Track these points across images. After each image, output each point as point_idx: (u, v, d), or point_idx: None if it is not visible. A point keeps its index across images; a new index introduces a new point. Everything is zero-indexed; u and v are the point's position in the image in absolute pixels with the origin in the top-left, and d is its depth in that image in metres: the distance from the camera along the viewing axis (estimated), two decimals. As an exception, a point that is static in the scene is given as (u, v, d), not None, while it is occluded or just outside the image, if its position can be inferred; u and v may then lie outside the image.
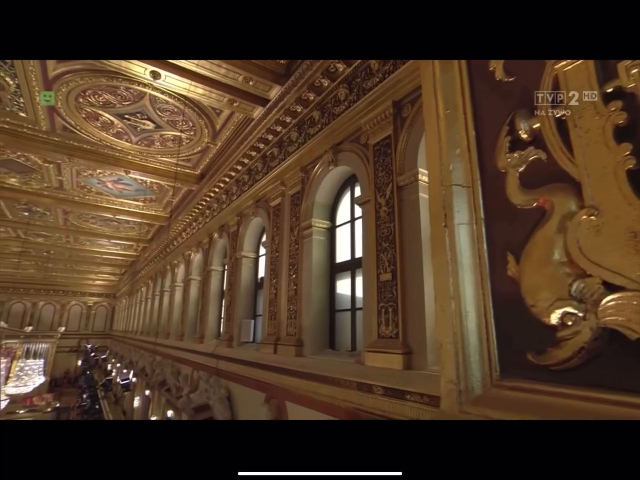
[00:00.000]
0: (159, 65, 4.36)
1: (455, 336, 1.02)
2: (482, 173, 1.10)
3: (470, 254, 1.07)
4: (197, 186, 8.16)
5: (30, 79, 4.86)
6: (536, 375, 0.87)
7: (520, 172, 1.00)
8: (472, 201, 1.10)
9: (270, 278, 5.29)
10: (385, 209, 3.47)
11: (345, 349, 4.21)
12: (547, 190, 0.92)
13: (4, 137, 6.19)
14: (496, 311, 1.00)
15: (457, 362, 1.01)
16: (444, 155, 1.17)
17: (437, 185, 1.17)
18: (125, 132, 6.45)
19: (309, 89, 4.42)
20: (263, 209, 6.00)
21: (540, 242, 0.90)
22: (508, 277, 0.98)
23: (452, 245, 1.08)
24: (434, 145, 1.21)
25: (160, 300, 12.32)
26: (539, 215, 0.93)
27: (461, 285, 1.05)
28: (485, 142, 1.11)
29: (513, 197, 1.00)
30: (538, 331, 0.87)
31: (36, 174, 8.08)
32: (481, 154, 1.12)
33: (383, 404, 2.93)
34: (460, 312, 1.04)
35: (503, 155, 1.04)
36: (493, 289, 1.02)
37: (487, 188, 1.09)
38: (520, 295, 0.93)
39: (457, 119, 1.18)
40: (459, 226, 1.10)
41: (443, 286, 1.09)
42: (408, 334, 3.03)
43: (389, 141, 3.58)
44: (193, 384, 7.35)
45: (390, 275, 3.27)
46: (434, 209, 1.18)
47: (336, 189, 4.85)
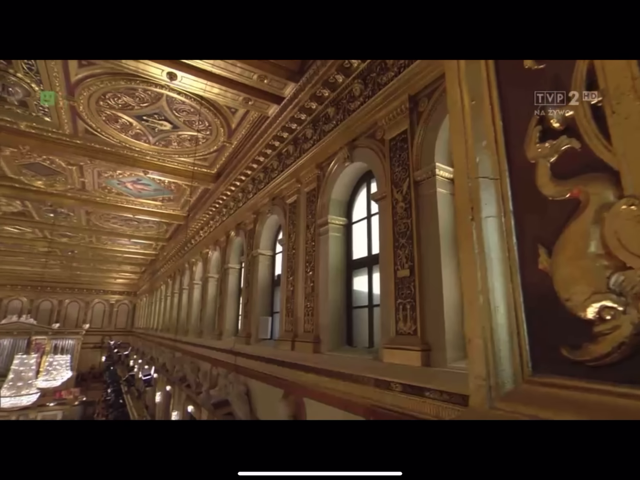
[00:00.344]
0: (175, 67, 4.42)
1: (484, 331, 1.00)
2: (511, 164, 1.07)
3: (499, 247, 1.05)
4: (214, 185, 8.26)
5: (54, 85, 5.01)
6: (571, 371, 0.84)
7: (551, 162, 0.97)
8: (501, 193, 1.07)
9: (287, 275, 5.32)
10: (402, 204, 3.43)
11: (362, 345, 4.20)
12: (581, 181, 0.88)
13: (30, 141, 6.41)
14: (527, 305, 0.97)
15: (486, 357, 0.98)
16: (470, 147, 1.14)
17: (464, 178, 1.14)
18: (143, 133, 6.58)
19: (323, 85, 4.40)
20: (279, 206, 6.03)
21: (574, 234, 0.86)
22: (539, 270, 0.95)
23: (480, 239, 1.06)
24: (459, 138, 1.18)
25: (179, 297, 12.57)
26: (572, 207, 0.89)
27: (490, 279, 1.02)
28: (514, 133, 1.07)
29: (544, 189, 0.97)
30: (573, 326, 0.84)
31: (60, 176, 8.35)
32: (509, 145, 1.08)
33: (401, 400, 2.91)
34: (489, 307, 1.01)
35: (533, 146, 1.00)
36: (523, 283, 0.99)
37: (515, 180, 1.05)
38: (552, 289, 0.90)
39: (483, 110, 1.15)
40: (487, 219, 1.07)
41: (471, 280, 1.06)
42: (426, 330, 2.99)
43: (405, 136, 3.54)
44: (212, 380, 7.48)
45: (408, 272, 3.24)
46: (460, 203, 1.15)
47: (352, 186, 4.83)
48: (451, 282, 3.01)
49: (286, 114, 5.11)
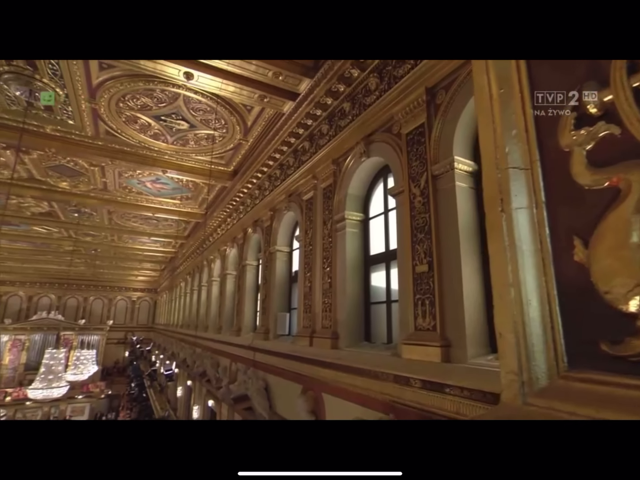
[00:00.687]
0: (192, 66, 4.48)
1: (516, 325, 0.97)
2: (542, 154, 1.03)
3: (530, 239, 1.01)
4: (231, 183, 8.35)
5: (77, 88, 5.16)
6: (612, 366, 0.80)
7: (587, 150, 0.92)
8: (532, 184, 1.04)
9: (305, 272, 5.34)
10: (420, 199, 3.39)
11: (381, 341, 4.18)
12: (622, 168, 0.84)
13: (56, 144, 6.64)
14: (561, 299, 0.94)
15: (518, 352, 0.95)
16: (499, 137, 1.10)
17: (492, 169, 1.10)
18: (161, 133, 6.69)
19: (338, 80, 4.37)
20: (296, 203, 6.04)
21: (614, 224, 0.82)
22: (575, 262, 0.91)
23: (510, 231, 1.02)
24: (488, 128, 1.14)
25: (198, 294, 12.79)
26: (611, 196, 0.85)
27: (521, 272, 0.99)
28: (546, 121, 1.03)
29: (579, 178, 0.93)
30: (613, 319, 0.80)
31: (83, 177, 8.60)
32: (540, 133, 1.04)
33: (421, 397, 2.89)
34: (520, 300, 0.98)
35: (567, 133, 0.96)
36: (557, 276, 0.95)
37: (548, 169, 1.01)
38: (590, 282, 0.86)
39: (512, 98, 1.11)
40: (517, 211, 1.04)
41: (501, 273, 1.03)
42: (446, 326, 2.95)
43: (423, 129, 3.48)
44: (232, 375, 7.60)
45: (426, 267, 3.20)
46: (489, 194, 1.12)
47: (369, 181, 4.79)
48: (471, 278, 2.96)
49: (302, 110, 5.10)
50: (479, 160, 3.27)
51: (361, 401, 3.57)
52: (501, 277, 1.03)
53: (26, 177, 8.50)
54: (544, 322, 0.95)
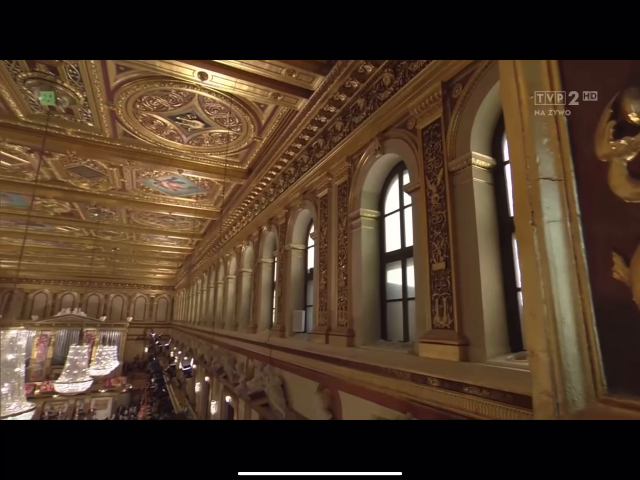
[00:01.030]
0: (206, 66, 4.52)
1: (549, 344, 0.92)
2: (577, 164, 0.97)
3: (564, 254, 0.96)
4: (246, 181, 8.41)
5: (96, 91, 5.28)
6: None
7: (628, 160, 0.86)
8: (565, 196, 0.98)
9: (320, 269, 5.34)
10: (436, 195, 3.34)
11: (397, 339, 4.15)
12: None
13: (76, 146, 6.82)
14: (599, 317, 0.89)
15: (552, 372, 0.90)
16: (529, 146, 1.03)
17: (522, 180, 1.04)
18: (177, 133, 6.79)
19: (352, 76, 4.33)
20: (310, 200, 6.04)
21: None
22: (614, 279, 0.86)
23: (542, 245, 0.97)
24: (517, 136, 1.08)
25: (214, 291, 12.98)
26: (656, 210, 0.79)
27: (554, 288, 0.94)
28: (581, 129, 0.97)
29: (619, 190, 0.86)
30: None
31: (103, 177, 8.81)
32: (575, 142, 0.98)
33: (439, 395, 2.86)
34: (554, 318, 0.92)
35: (605, 143, 0.90)
36: (594, 293, 0.90)
37: (583, 180, 0.95)
38: (631, 300, 0.81)
39: (543, 104, 1.04)
40: (550, 224, 0.98)
41: (533, 289, 0.98)
42: (464, 324, 2.91)
43: (439, 125, 3.43)
44: (248, 371, 7.70)
45: (443, 265, 3.16)
46: (518, 206, 1.06)
47: (384, 178, 4.75)
48: (489, 275, 2.90)
49: (315, 107, 5.09)
50: (497, 155, 3.21)
51: (378, 399, 3.57)
52: (533, 293, 0.98)
53: (49, 179, 8.77)
54: (579, 342, 0.90)
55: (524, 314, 1.04)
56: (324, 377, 4.62)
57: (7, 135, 6.35)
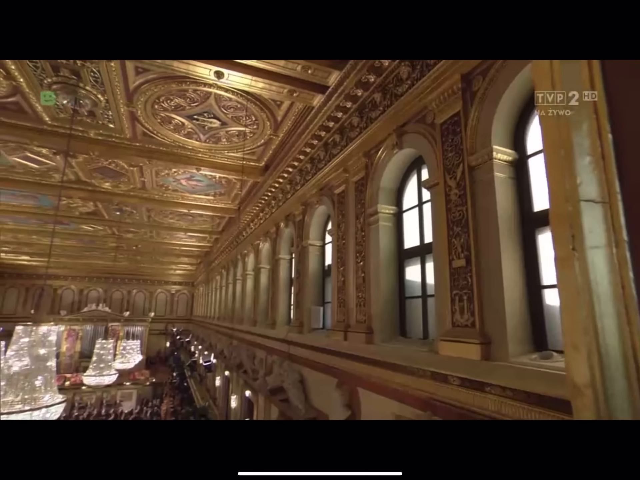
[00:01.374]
0: (222, 65, 4.54)
1: (594, 379, 0.85)
2: (623, 185, 0.89)
3: (609, 282, 0.88)
4: (262, 178, 8.46)
5: (116, 93, 5.40)
6: None
7: None
8: (610, 219, 0.91)
9: (338, 266, 5.34)
10: (456, 191, 3.27)
11: (416, 336, 4.12)
12: None
13: (99, 147, 7.02)
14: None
15: (597, 409, 0.83)
16: (569, 165, 0.95)
17: (561, 202, 0.96)
18: (194, 131, 6.87)
19: (368, 70, 4.27)
20: (327, 197, 6.03)
21: None
22: None
23: (584, 272, 0.89)
24: (555, 154, 0.99)
25: (233, 287, 13.17)
26: None
27: (598, 319, 0.87)
28: (628, 147, 0.88)
29: None
30: None
31: (124, 177, 9.04)
32: (621, 161, 0.90)
33: (460, 394, 2.83)
34: (599, 351, 0.86)
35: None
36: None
37: (630, 203, 0.87)
38: None
39: (585, 120, 0.96)
40: (593, 250, 0.91)
41: (574, 320, 0.90)
42: (486, 323, 2.86)
43: (458, 118, 3.35)
44: (267, 367, 7.80)
45: (463, 262, 3.10)
46: (558, 230, 0.99)
47: (401, 173, 4.69)
48: (512, 273, 2.83)
49: (331, 103, 5.05)
50: (519, 148, 3.12)
51: (397, 397, 3.55)
52: (575, 323, 0.91)
53: (74, 179, 9.06)
54: (629, 378, 0.83)
55: (565, 346, 0.96)
56: (342, 373, 4.63)
57: (35, 138, 6.59)
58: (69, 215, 12.06)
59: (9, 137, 6.58)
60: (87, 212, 11.98)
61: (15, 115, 6.08)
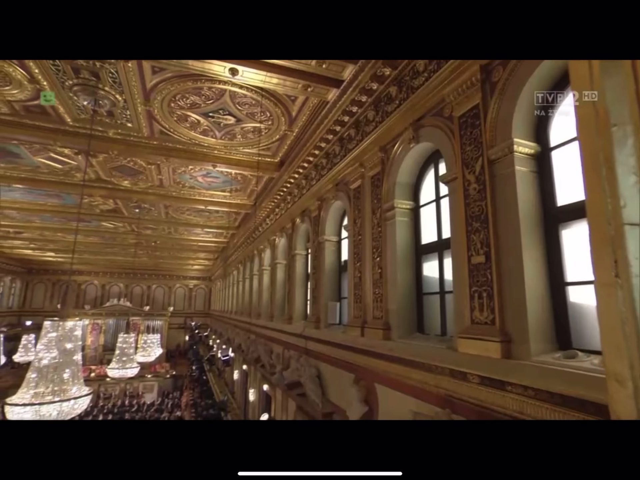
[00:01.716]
0: (236, 62, 4.55)
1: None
2: None
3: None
4: (278, 173, 8.47)
5: (134, 93, 5.49)
6: None
7: None
8: None
9: (354, 261, 5.32)
10: (475, 186, 3.20)
11: (434, 333, 4.08)
12: None
13: (118, 146, 7.18)
14: None
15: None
16: (612, 185, 0.88)
17: (602, 224, 0.90)
18: (210, 129, 6.93)
19: (384, 63, 4.20)
20: (343, 192, 6.00)
21: None
22: None
23: (629, 302, 0.82)
24: (595, 173, 0.92)
25: (250, 282, 13.32)
26: None
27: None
28: None
29: None
30: None
31: (142, 175, 9.21)
32: None
33: (479, 393, 2.80)
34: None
35: None
36: None
37: None
38: None
39: (630, 137, 0.88)
40: (639, 278, 0.84)
41: (617, 352, 0.84)
42: (506, 320, 2.80)
43: (477, 111, 3.26)
44: (284, 361, 7.87)
45: (483, 258, 3.04)
46: (598, 254, 0.92)
47: (418, 168, 4.61)
48: (534, 270, 2.76)
49: (346, 97, 4.99)
50: (541, 141, 3.02)
51: (415, 393, 3.54)
52: (617, 355, 0.84)
53: (94, 178, 9.30)
54: None
55: (607, 377, 0.91)
56: (360, 369, 4.63)
57: (58, 139, 6.78)
58: (90, 213, 12.41)
59: (33, 138, 6.80)
60: (107, 209, 12.30)
61: (39, 117, 6.27)
